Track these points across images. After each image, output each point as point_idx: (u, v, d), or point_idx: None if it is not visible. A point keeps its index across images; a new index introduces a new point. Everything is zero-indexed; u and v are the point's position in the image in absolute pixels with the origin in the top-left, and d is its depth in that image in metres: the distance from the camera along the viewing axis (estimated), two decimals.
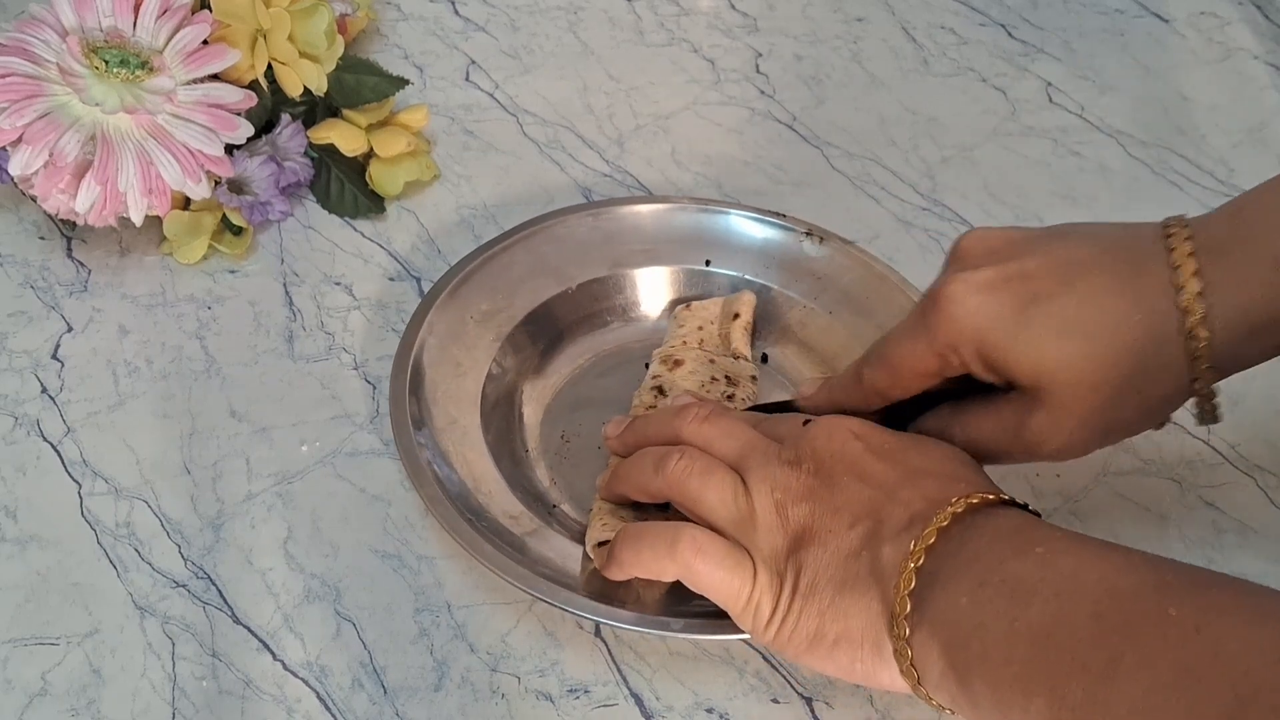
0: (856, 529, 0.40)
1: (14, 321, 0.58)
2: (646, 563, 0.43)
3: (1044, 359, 0.41)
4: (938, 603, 0.37)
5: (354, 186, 0.63)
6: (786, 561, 0.41)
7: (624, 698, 0.45)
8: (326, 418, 0.54)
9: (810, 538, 0.41)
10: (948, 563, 0.38)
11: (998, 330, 0.41)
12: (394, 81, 0.65)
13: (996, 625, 0.36)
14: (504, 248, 0.57)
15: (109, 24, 0.58)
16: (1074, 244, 0.42)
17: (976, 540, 0.38)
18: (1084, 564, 0.36)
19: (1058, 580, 0.36)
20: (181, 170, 0.56)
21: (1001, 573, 0.37)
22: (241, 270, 0.61)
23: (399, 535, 0.50)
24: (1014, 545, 0.38)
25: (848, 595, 0.40)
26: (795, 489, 0.42)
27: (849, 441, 0.42)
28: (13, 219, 0.63)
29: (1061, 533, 0.38)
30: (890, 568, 0.39)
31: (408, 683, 0.45)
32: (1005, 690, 0.35)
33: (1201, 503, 0.52)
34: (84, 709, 0.44)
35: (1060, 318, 0.41)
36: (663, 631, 0.44)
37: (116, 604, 0.47)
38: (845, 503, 0.41)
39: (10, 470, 0.52)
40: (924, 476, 0.41)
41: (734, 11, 0.78)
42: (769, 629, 0.41)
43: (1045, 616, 0.35)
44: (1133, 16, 0.79)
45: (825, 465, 0.42)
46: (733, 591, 0.42)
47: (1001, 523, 0.39)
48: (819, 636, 0.40)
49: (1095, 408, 0.41)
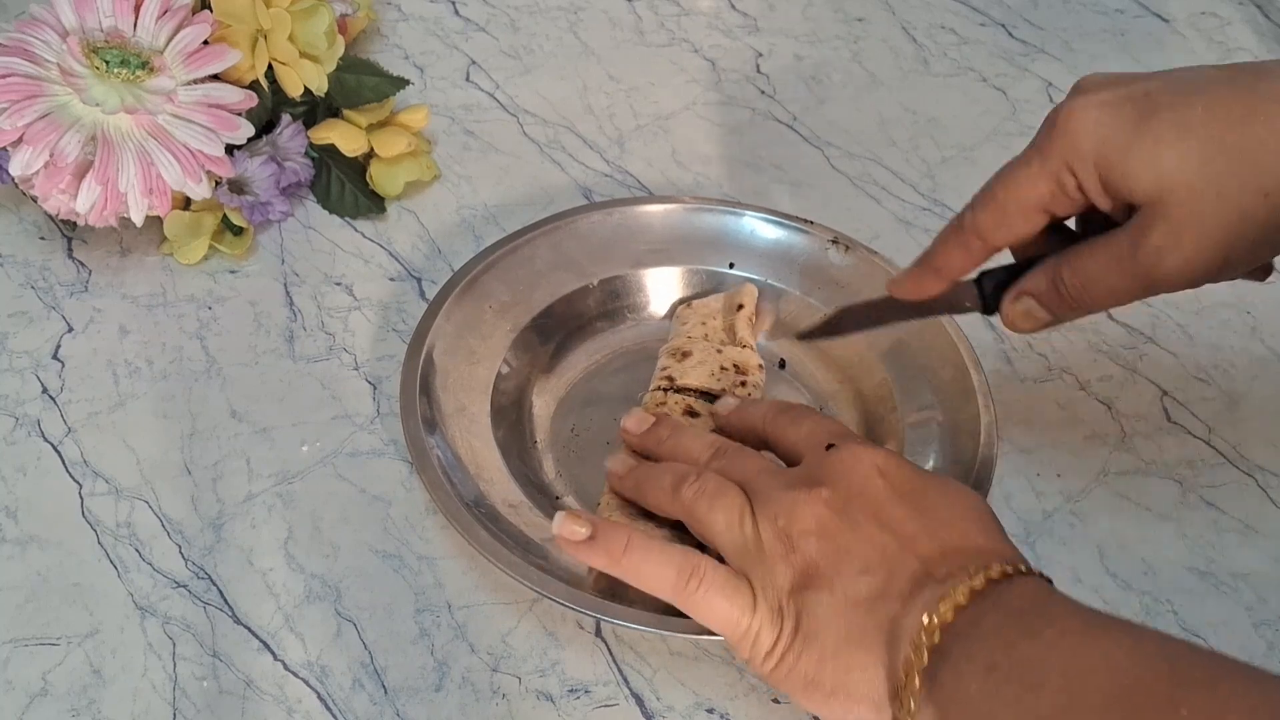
0: (867, 578, 0.39)
1: (14, 322, 0.58)
2: (646, 579, 0.42)
3: (1165, 165, 0.39)
4: (946, 684, 0.36)
5: (354, 187, 0.63)
6: (790, 599, 0.40)
7: (625, 698, 0.45)
8: (327, 418, 0.54)
9: (817, 578, 0.40)
10: (960, 642, 0.37)
11: (1118, 141, 0.40)
12: (394, 82, 0.65)
13: (1006, 715, 0.35)
14: (527, 240, 0.57)
15: (109, 24, 0.58)
16: (1197, 69, 0.41)
17: (991, 618, 0.37)
18: (1095, 649, 0.35)
19: (1067, 669, 0.35)
20: (182, 170, 0.56)
21: (1012, 657, 0.36)
22: (242, 270, 0.61)
23: (399, 535, 0.50)
24: (1027, 625, 0.36)
25: (852, 650, 0.39)
26: (806, 520, 0.41)
27: (872, 478, 0.41)
28: (13, 219, 0.63)
29: (1074, 609, 0.37)
30: (901, 634, 0.38)
31: (408, 683, 0.45)
32: None
33: (1202, 503, 0.52)
34: (84, 709, 0.44)
35: (1182, 124, 0.39)
36: (664, 631, 0.44)
37: (117, 604, 0.47)
38: (858, 546, 0.40)
39: (11, 470, 0.52)
40: (945, 530, 0.40)
41: (734, 12, 0.78)
42: (766, 663, 0.40)
43: (1055, 709, 0.34)
44: (1133, 16, 0.79)
45: (842, 499, 0.41)
46: (730, 622, 0.41)
47: (1018, 596, 0.38)
48: (815, 683, 0.39)
49: (1219, 218, 0.39)
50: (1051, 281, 0.43)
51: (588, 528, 0.43)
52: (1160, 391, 0.56)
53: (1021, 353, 0.57)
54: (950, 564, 0.39)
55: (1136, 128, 0.40)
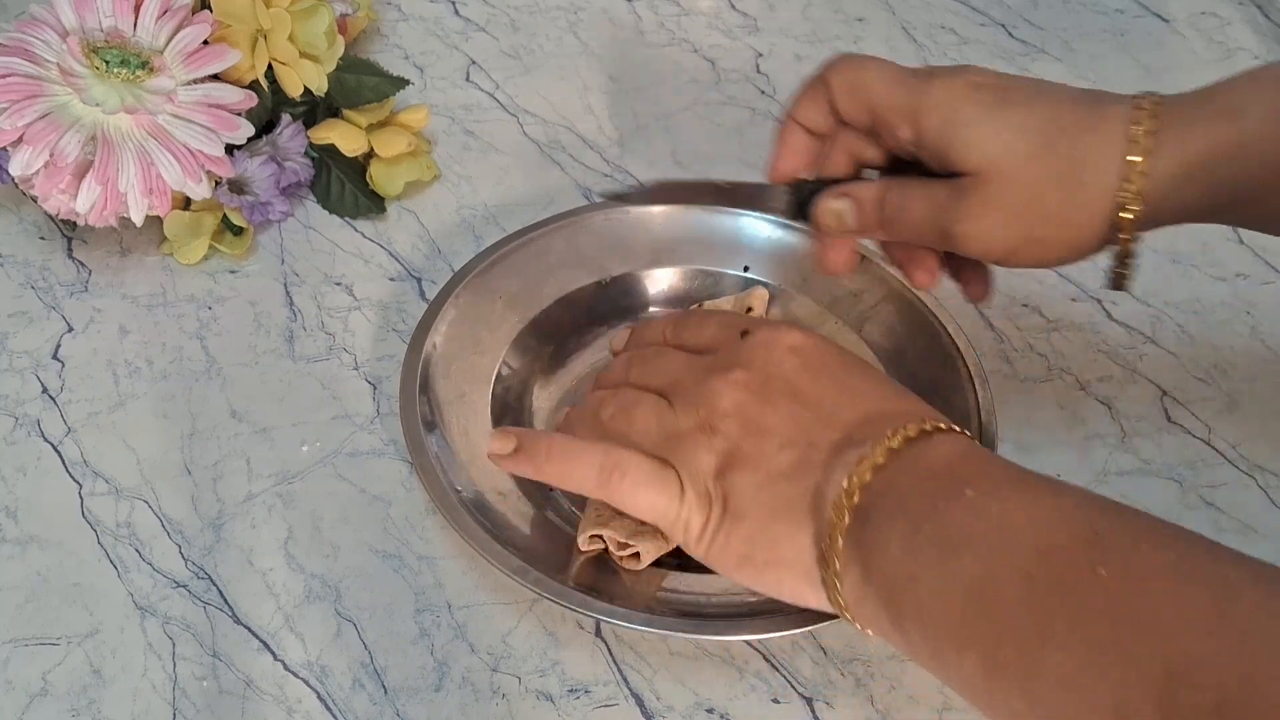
0: (787, 452, 0.40)
1: (14, 322, 0.58)
2: (568, 478, 0.43)
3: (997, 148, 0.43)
4: (871, 544, 0.37)
5: (354, 187, 0.63)
6: (715, 482, 0.41)
7: (624, 698, 0.45)
8: (327, 418, 0.54)
9: (740, 458, 0.41)
10: (881, 501, 0.38)
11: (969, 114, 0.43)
12: (394, 82, 0.65)
13: (929, 577, 0.36)
14: (543, 233, 0.57)
15: (109, 24, 0.58)
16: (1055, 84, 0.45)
17: (910, 476, 0.38)
18: (1015, 512, 0.35)
19: (988, 532, 0.35)
20: (182, 170, 0.56)
21: (934, 519, 0.36)
22: (242, 270, 0.61)
23: (399, 535, 0.50)
24: (947, 485, 0.37)
25: (779, 522, 0.40)
26: (725, 404, 0.42)
27: (786, 357, 0.42)
28: (13, 219, 0.63)
29: (992, 468, 0.38)
30: (824, 499, 0.39)
31: (408, 683, 0.45)
32: (939, 644, 0.36)
33: (1202, 503, 0.52)
34: (84, 709, 0.44)
35: (1022, 119, 0.43)
36: (663, 631, 0.44)
37: (117, 604, 0.47)
38: (776, 422, 0.41)
39: (11, 470, 0.52)
40: (862, 399, 0.41)
41: (734, 12, 0.78)
42: (699, 545, 0.42)
43: (976, 573, 0.35)
44: (1133, 16, 0.79)
45: (758, 379, 0.42)
46: (659, 510, 0.42)
47: (936, 456, 0.38)
48: (748, 558, 0.41)
49: (1025, 211, 0.43)
50: (877, 196, 0.46)
51: (514, 440, 0.44)
52: (1160, 391, 0.56)
53: (1021, 353, 0.57)
54: (868, 428, 0.40)
55: (986, 110, 0.44)
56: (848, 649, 0.46)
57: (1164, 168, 0.42)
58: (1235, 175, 0.42)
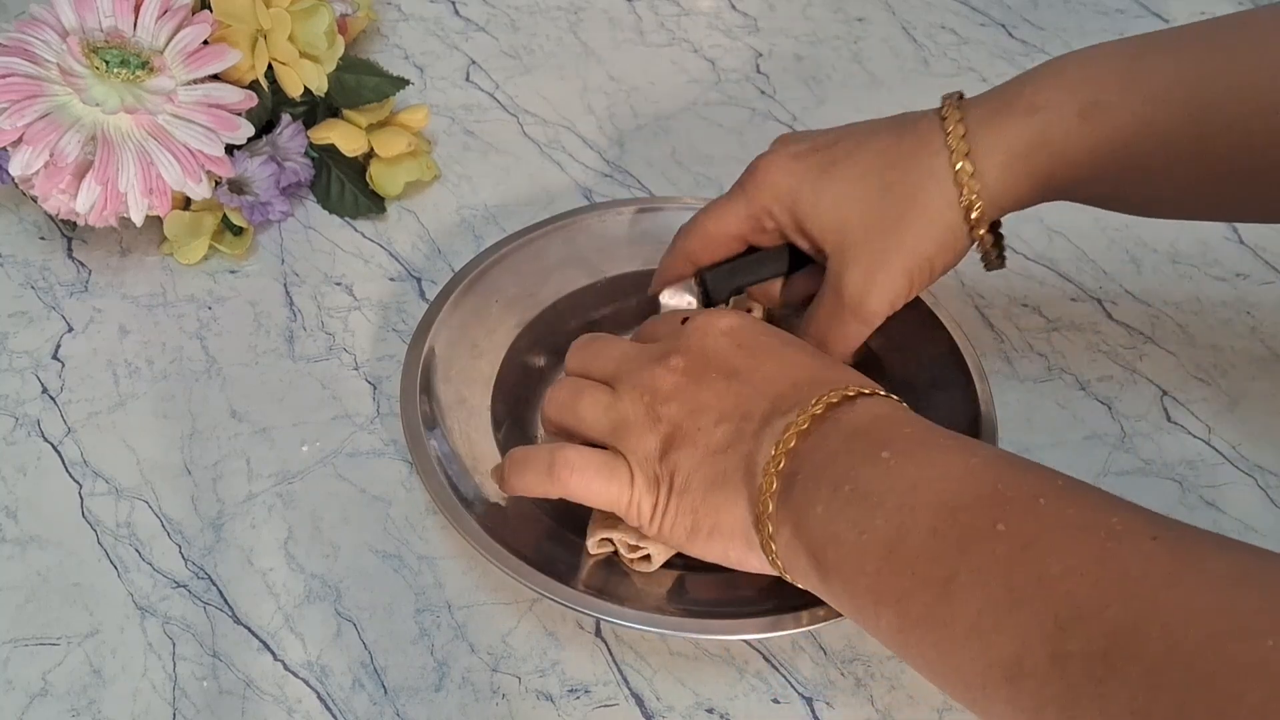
0: (723, 426, 0.42)
1: (14, 322, 0.58)
2: (532, 487, 0.44)
3: (841, 211, 0.47)
4: (798, 506, 0.39)
5: (354, 187, 0.63)
6: (661, 463, 0.42)
7: (624, 698, 0.45)
8: (327, 418, 0.54)
9: (681, 437, 0.42)
10: (805, 465, 0.39)
11: (804, 191, 0.48)
12: (394, 82, 0.65)
13: (848, 536, 0.37)
14: (543, 234, 0.57)
15: (109, 24, 0.58)
16: (870, 124, 0.49)
17: (833, 440, 0.39)
18: (925, 474, 0.37)
19: (900, 492, 0.37)
20: (182, 170, 0.56)
21: (852, 480, 0.38)
22: (242, 270, 0.61)
23: (399, 535, 0.50)
24: (865, 448, 0.39)
25: (717, 493, 0.41)
26: (664, 389, 0.43)
27: (719, 338, 0.44)
28: (13, 219, 0.63)
29: (910, 430, 0.40)
30: (755, 468, 0.40)
31: (408, 683, 0.45)
32: (860, 599, 0.37)
33: (1202, 503, 0.52)
34: (85, 709, 0.44)
35: (853, 173, 0.47)
36: (664, 631, 0.44)
37: (117, 604, 0.47)
38: (712, 400, 0.42)
39: (11, 470, 0.52)
40: (792, 370, 0.43)
41: (734, 12, 0.78)
42: (652, 525, 0.43)
43: (889, 530, 0.36)
44: (1133, 16, 0.79)
45: (696, 362, 0.43)
46: (612, 498, 0.43)
47: (857, 419, 0.40)
48: (695, 529, 0.42)
49: (894, 248, 0.46)
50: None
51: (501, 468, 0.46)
52: (1160, 391, 0.56)
53: (1021, 353, 0.57)
54: (796, 396, 0.41)
55: (819, 178, 0.48)
56: (848, 649, 0.46)
57: (987, 166, 0.45)
58: (1048, 167, 0.45)
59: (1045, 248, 0.62)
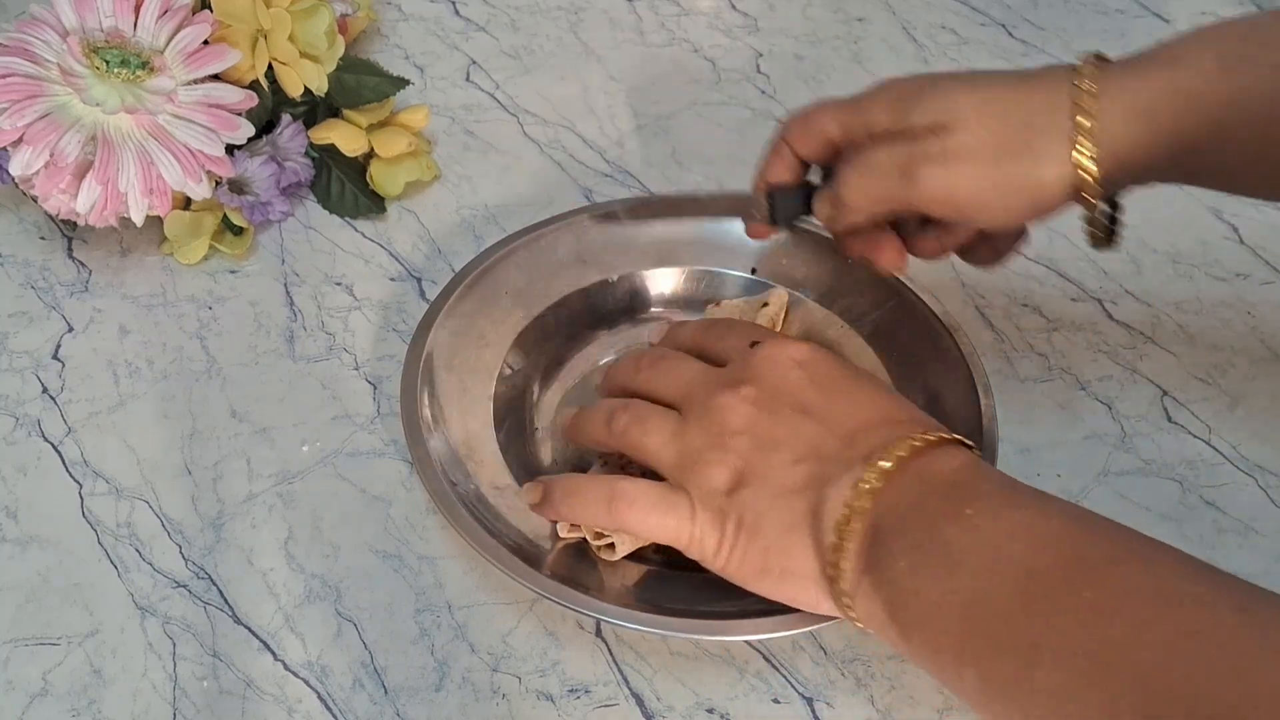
0: (799, 467, 0.41)
1: (15, 322, 0.58)
2: (586, 518, 0.44)
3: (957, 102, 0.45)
4: (878, 559, 0.38)
5: (354, 187, 0.63)
6: (728, 498, 0.42)
7: (625, 698, 0.45)
8: (327, 418, 0.54)
9: (751, 474, 0.41)
10: (887, 516, 0.39)
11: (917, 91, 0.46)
12: (394, 82, 0.65)
13: (930, 593, 0.37)
14: (544, 233, 0.57)
15: (109, 24, 0.58)
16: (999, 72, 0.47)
17: (913, 493, 0.39)
18: (1008, 533, 0.37)
19: (984, 551, 0.37)
20: (182, 170, 0.56)
21: (935, 536, 0.38)
22: (242, 270, 0.61)
23: (400, 535, 0.50)
24: (948, 503, 0.38)
25: (792, 536, 0.41)
26: (735, 422, 0.42)
27: (792, 370, 0.43)
28: (13, 219, 0.63)
29: (989, 486, 0.39)
30: (833, 513, 0.40)
31: (408, 683, 0.45)
32: (942, 655, 0.37)
33: (1202, 503, 0.52)
34: (85, 709, 0.44)
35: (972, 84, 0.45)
36: (663, 631, 0.44)
37: (117, 604, 0.47)
38: (785, 436, 0.42)
39: (11, 470, 0.52)
40: (868, 410, 0.42)
41: (734, 12, 0.78)
42: (717, 561, 0.42)
43: (973, 591, 0.36)
44: (1133, 16, 0.79)
45: (767, 394, 0.43)
46: (670, 533, 0.43)
47: (939, 470, 0.40)
48: (766, 570, 0.41)
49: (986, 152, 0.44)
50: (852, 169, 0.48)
51: (540, 489, 0.45)
52: (1160, 391, 0.56)
53: (1021, 353, 0.57)
54: (873, 439, 0.41)
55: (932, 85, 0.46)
56: (848, 649, 0.46)
57: (1110, 124, 0.43)
58: (1180, 125, 0.43)
59: (1045, 247, 0.62)
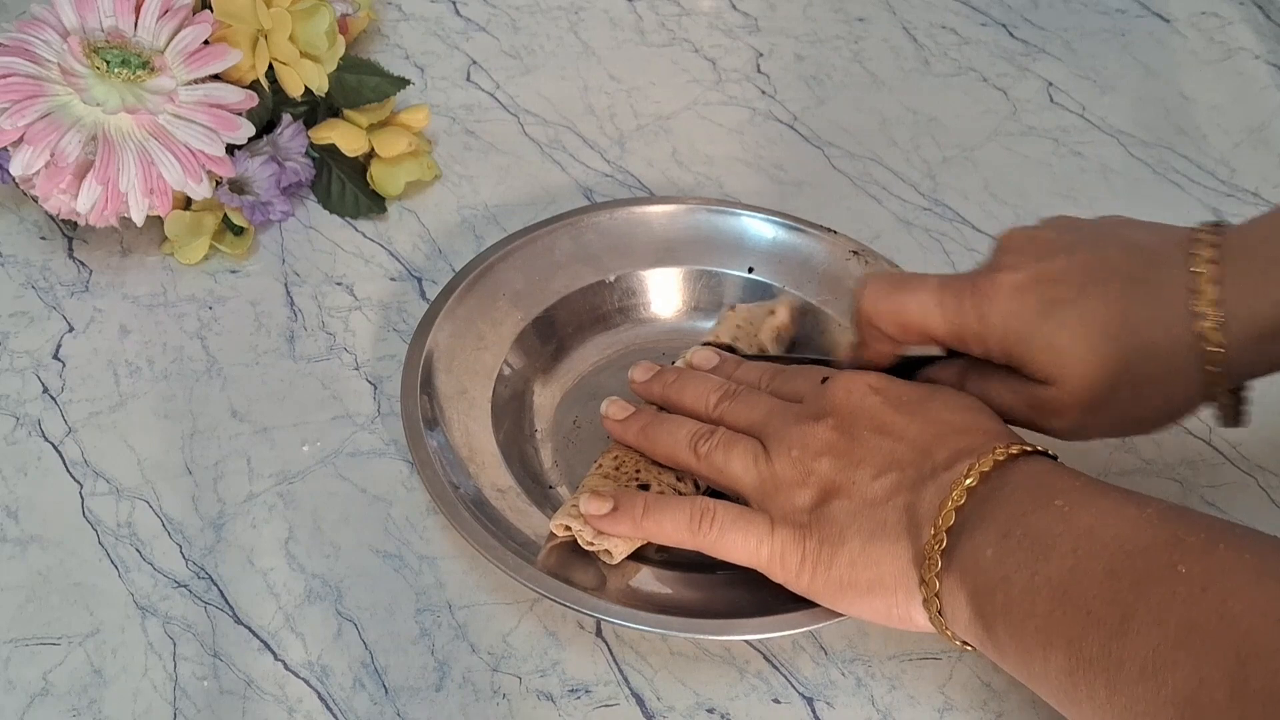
0: (882, 480, 0.42)
1: (15, 322, 0.58)
2: (666, 534, 0.45)
3: (1060, 355, 0.42)
4: (965, 553, 0.39)
5: (355, 186, 0.63)
6: (810, 515, 0.42)
7: (625, 698, 0.45)
8: (328, 418, 0.54)
9: (834, 490, 0.42)
10: (974, 514, 0.40)
11: (1022, 328, 0.43)
12: (395, 81, 0.65)
13: (1019, 578, 0.37)
14: (544, 234, 0.57)
15: (110, 24, 0.58)
16: (1103, 247, 0.44)
17: (1003, 491, 0.40)
18: (1101, 519, 0.37)
19: (1075, 535, 0.37)
20: (183, 170, 0.56)
21: (1024, 525, 0.38)
22: (243, 270, 0.61)
23: (400, 535, 0.50)
24: (1036, 497, 0.39)
25: (878, 543, 0.41)
26: (816, 445, 0.44)
27: (867, 396, 0.44)
28: (14, 219, 0.63)
29: (1081, 483, 0.40)
30: (923, 517, 0.41)
31: (409, 683, 0.45)
32: (1027, 641, 0.37)
33: (1203, 503, 0.52)
34: (85, 709, 0.44)
35: (1079, 319, 0.42)
36: (664, 631, 0.44)
37: (118, 604, 0.47)
38: (868, 455, 0.43)
39: (11, 470, 0.52)
40: (946, 426, 0.43)
41: (735, 11, 0.78)
42: (800, 579, 0.43)
43: (1063, 571, 0.37)
44: (1134, 16, 0.79)
45: (846, 420, 0.44)
46: (750, 551, 0.43)
47: (1026, 473, 0.40)
48: (850, 583, 0.42)
49: (1105, 401, 0.43)
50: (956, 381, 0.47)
51: (610, 502, 0.45)
52: None
53: None
54: (957, 450, 0.41)
55: (1039, 318, 0.43)
56: (848, 649, 0.46)
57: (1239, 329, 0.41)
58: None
59: None
